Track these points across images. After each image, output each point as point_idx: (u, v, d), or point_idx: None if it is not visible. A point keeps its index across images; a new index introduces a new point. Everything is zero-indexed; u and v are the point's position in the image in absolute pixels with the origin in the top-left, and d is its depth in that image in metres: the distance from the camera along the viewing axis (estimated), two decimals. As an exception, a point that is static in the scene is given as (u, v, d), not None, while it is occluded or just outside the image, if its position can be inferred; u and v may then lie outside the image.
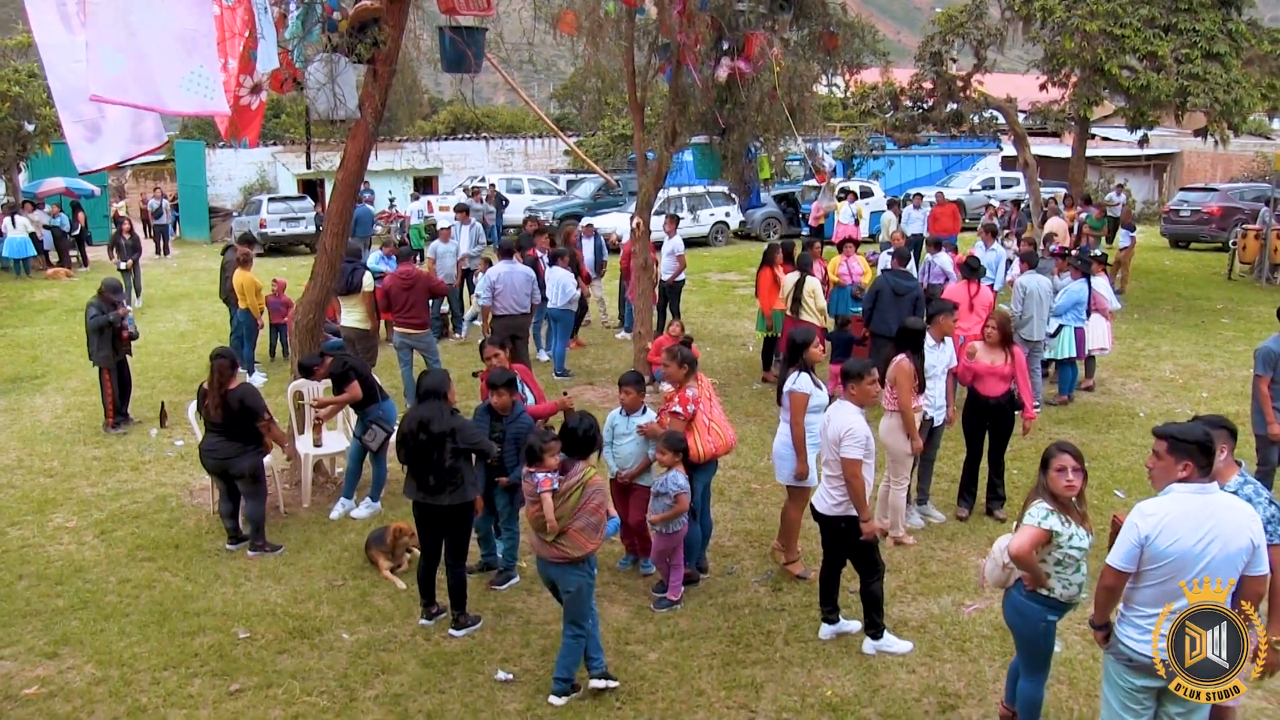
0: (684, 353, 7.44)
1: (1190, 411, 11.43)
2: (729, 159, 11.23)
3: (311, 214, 28.22)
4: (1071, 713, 5.93)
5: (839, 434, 6.32)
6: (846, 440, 6.28)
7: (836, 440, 6.33)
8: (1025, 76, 21.33)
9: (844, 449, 6.28)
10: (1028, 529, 5.05)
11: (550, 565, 6.02)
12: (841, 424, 6.35)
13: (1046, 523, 5.05)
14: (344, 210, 9.27)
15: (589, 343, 15.63)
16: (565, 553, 5.91)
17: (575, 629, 6.08)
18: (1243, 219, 24.13)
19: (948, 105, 20.03)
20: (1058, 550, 5.09)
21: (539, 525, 5.96)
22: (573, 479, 5.96)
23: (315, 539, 8.49)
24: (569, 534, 5.88)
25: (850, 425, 6.32)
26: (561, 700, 6.05)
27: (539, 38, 11.04)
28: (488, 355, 8.20)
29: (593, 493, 5.94)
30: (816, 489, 6.73)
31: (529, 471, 6.03)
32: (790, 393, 7.32)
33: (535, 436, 6.16)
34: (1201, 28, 17.33)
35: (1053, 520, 5.05)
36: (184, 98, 5.70)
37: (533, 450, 6.01)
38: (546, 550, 5.96)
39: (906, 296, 11.31)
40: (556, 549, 5.92)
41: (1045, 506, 5.09)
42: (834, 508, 6.42)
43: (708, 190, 27.57)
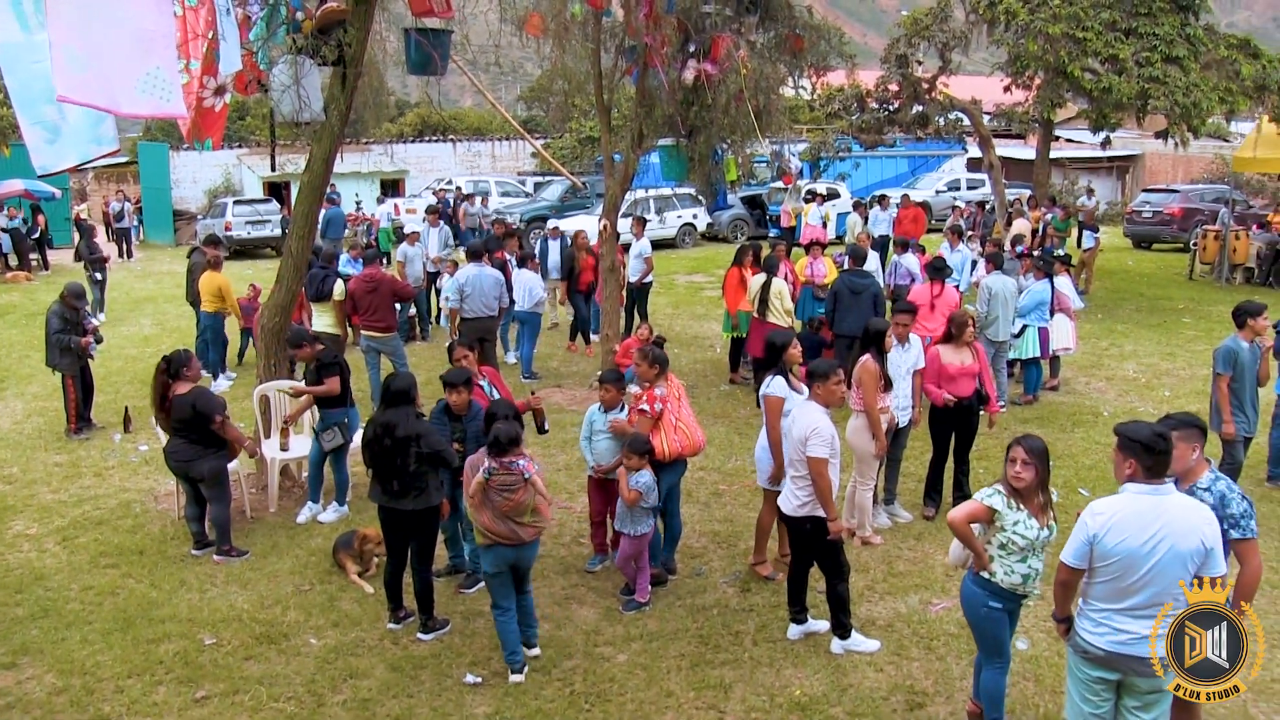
0: (656, 352, 7.46)
1: (1154, 410, 11.58)
2: (696, 161, 11.24)
3: (277, 217, 28.02)
4: (1037, 709, 5.98)
5: (804, 433, 6.34)
6: (812, 439, 6.30)
7: (802, 440, 6.35)
8: (990, 79, 21.52)
9: (810, 448, 6.30)
10: (971, 502, 5.29)
11: (525, 547, 6.26)
12: (807, 423, 6.37)
13: (989, 500, 5.20)
14: (310, 213, 9.21)
15: (557, 346, 15.60)
16: (540, 525, 6.29)
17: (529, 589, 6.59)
18: (1203, 220, 24.45)
19: (913, 107, 20.18)
20: (1000, 533, 5.20)
21: (519, 511, 6.09)
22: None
23: (282, 544, 8.43)
24: (537, 508, 6.19)
25: (815, 424, 6.34)
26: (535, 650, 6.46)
27: (505, 40, 11.02)
28: (457, 356, 8.18)
29: (538, 469, 6.29)
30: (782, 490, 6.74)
31: (510, 460, 6.07)
32: (765, 396, 7.35)
33: (508, 425, 6.23)
34: (1161, 32, 17.57)
35: (997, 500, 5.19)
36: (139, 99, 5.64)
37: (515, 439, 6.13)
38: (525, 531, 6.18)
39: (864, 295, 11.39)
40: (533, 526, 6.21)
41: (996, 488, 5.25)
42: (800, 508, 6.44)
43: (675, 192, 27.58)
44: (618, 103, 13.21)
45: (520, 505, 6.09)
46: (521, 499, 6.08)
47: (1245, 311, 8.70)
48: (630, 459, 6.98)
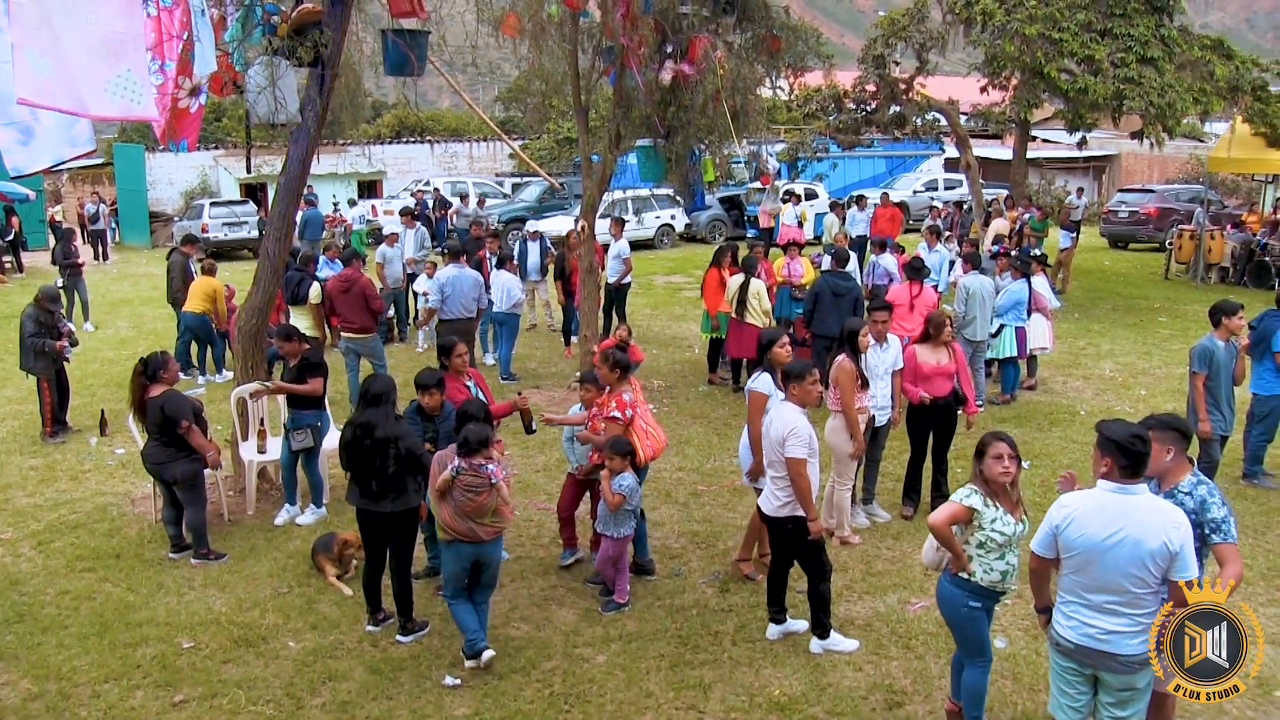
0: (616, 356, 7.45)
1: (1130, 409, 11.68)
2: (673, 162, 11.26)
3: (254, 218, 27.87)
4: (1015, 707, 6.01)
5: (783, 434, 6.34)
6: (790, 440, 6.30)
7: (780, 440, 6.34)
8: (966, 79, 21.61)
9: (788, 449, 6.30)
10: (950, 504, 5.30)
11: (485, 545, 6.28)
12: (785, 424, 6.38)
13: (968, 500, 5.24)
14: (287, 215, 9.18)
15: (535, 347, 15.59)
16: (500, 526, 6.32)
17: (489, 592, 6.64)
18: (1178, 220, 24.65)
19: (891, 107, 20.23)
20: (979, 532, 5.23)
21: (481, 512, 6.11)
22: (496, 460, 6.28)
23: (260, 546, 8.39)
24: (498, 510, 6.22)
25: (794, 425, 6.35)
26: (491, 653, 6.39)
27: (482, 40, 11.00)
28: (457, 353, 8.03)
29: (506, 474, 6.35)
30: (762, 491, 6.74)
31: (479, 463, 6.07)
32: (749, 391, 7.37)
33: (479, 427, 6.22)
34: (1136, 33, 17.67)
35: (975, 499, 5.24)
36: (109, 102, 5.59)
37: (485, 440, 6.12)
38: (484, 531, 6.20)
39: (846, 297, 11.42)
40: (493, 526, 6.23)
41: (972, 487, 5.29)
42: (780, 508, 6.45)
43: (653, 193, 27.60)
44: (595, 104, 13.22)
45: (483, 507, 6.10)
46: (484, 501, 6.08)
47: (1221, 311, 8.77)
48: (613, 460, 6.98)
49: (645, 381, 13.04)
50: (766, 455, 6.52)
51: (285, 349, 8.88)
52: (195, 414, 8.01)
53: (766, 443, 6.52)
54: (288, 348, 8.87)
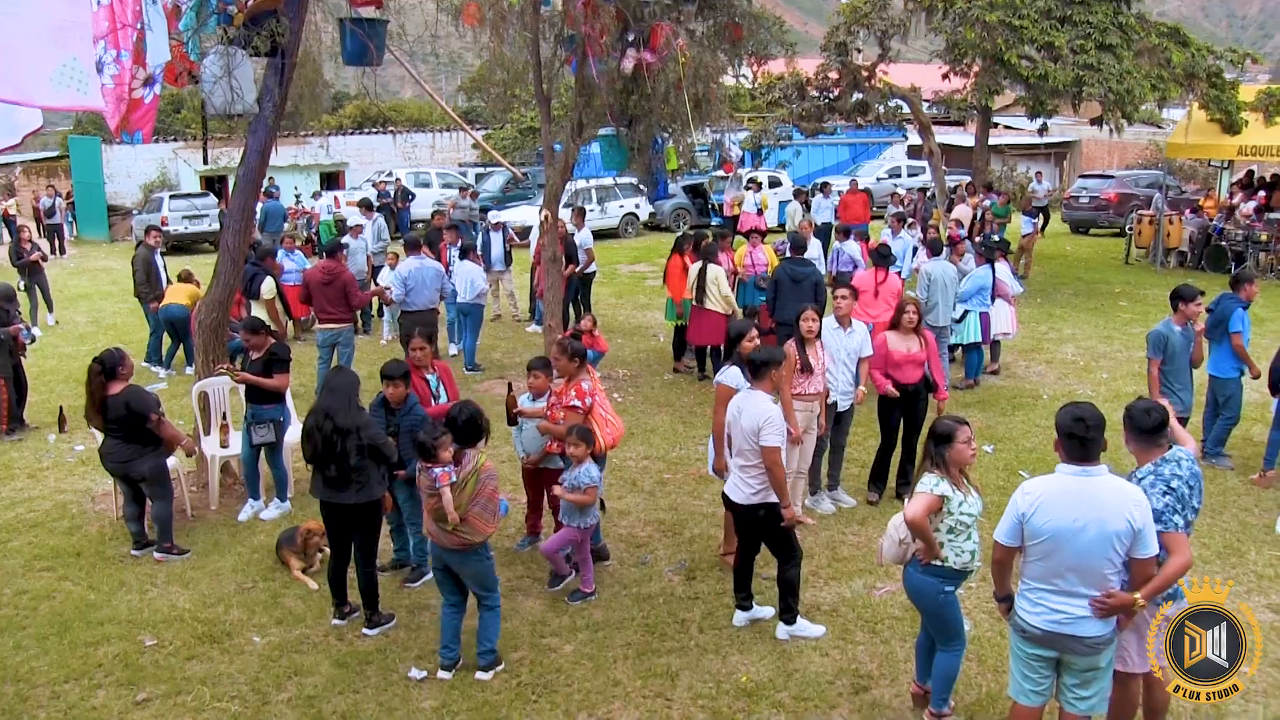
0: (573, 345, 7.46)
1: (1092, 392, 11.81)
2: (636, 150, 11.23)
3: (215, 211, 27.58)
4: (980, 689, 6.07)
5: (757, 423, 6.31)
6: (766, 429, 6.28)
7: (754, 430, 6.31)
8: (928, 66, 21.68)
9: (764, 438, 6.28)
10: (922, 496, 5.29)
11: (449, 552, 6.12)
12: (758, 413, 6.35)
13: (938, 489, 5.28)
14: (246, 207, 9.09)
15: (500, 338, 15.54)
16: (465, 539, 6.03)
17: (487, 600, 6.26)
18: (1138, 205, 24.91)
19: (853, 95, 20.29)
20: (949, 517, 5.29)
21: (439, 517, 6.00)
22: (466, 468, 6.04)
23: (224, 541, 8.32)
24: (468, 520, 5.99)
25: (768, 413, 6.34)
26: (489, 675, 6.19)
27: (444, 30, 10.93)
28: (414, 346, 8.04)
29: (486, 478, 6.06)
30: (728, 480, 6.71)
31: (425, 467, 6.03)
32: (718, 384, 7.36)
33: (425, 433, 6.15)
34: (1095, 20, 17.82)
35: (944, 486, 5.28)
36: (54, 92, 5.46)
37: (424, 447, 6.03)
38: (447, 539, 6.05)
39: (804, 283, 11.46)
40: (456, 536, 6.02)
41: (936, 475, 5.32)
42: (752, 496, 6.44)
43: (616, 182, 27.56)
44: (557, 92, 13.19)
45: (437, 510, 6.01)
46: (435, 505, 6.01)
47: (1179, 296, 8.87)
48: (577, 446, 6.95)
49: (610, 370, 13.05)
50: (737, 445, 6.48)
51: (252, 342, 8.77)
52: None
53: (737, 432, 6.47)
54: (254, 340, 8.75)
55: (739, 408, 6.50)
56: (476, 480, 6.01)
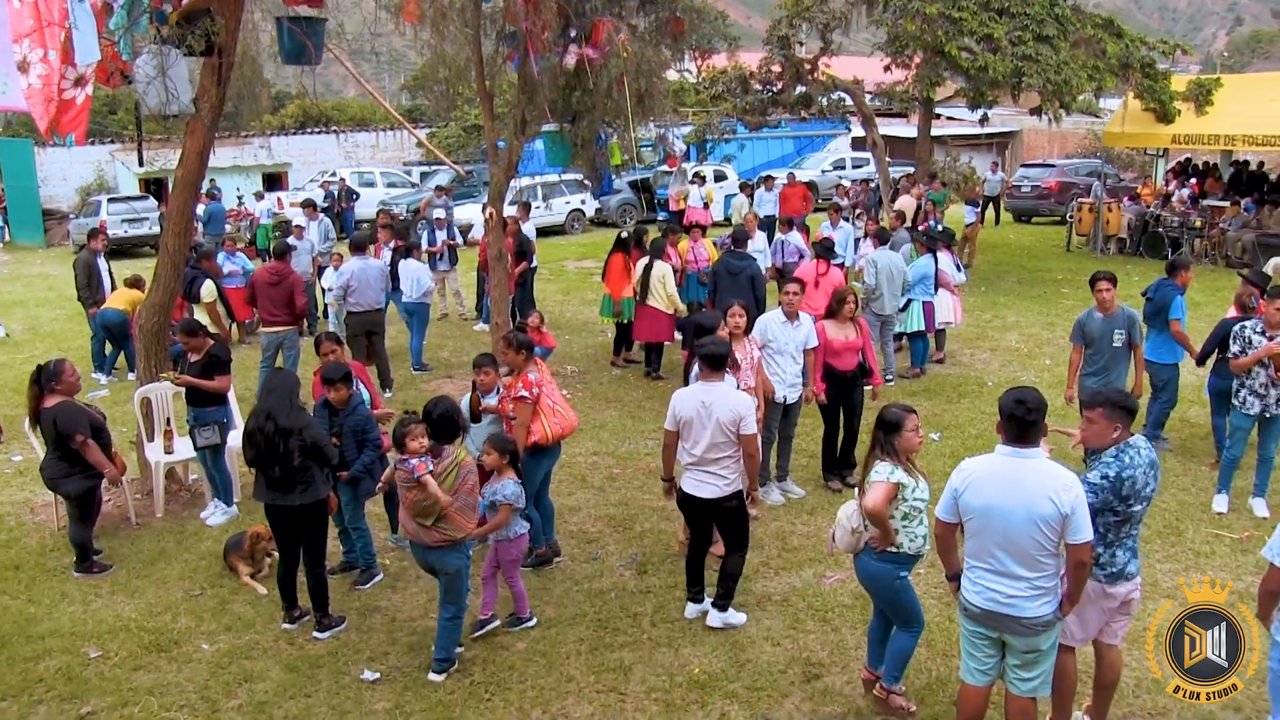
0: (519, 337, 7.43)
1: (1036, 378, 11.98)
2: (579, 146, 11.21)
3: (155, 214, 27.06)
4: (930, 673, 6.14)
5: (737, 413, 6.30)
6: (748, 417, 6.32)
7: (734, 420, 6.28)
8: (870, 59, 21.86)
9: (746, 426, 6.30)
10: (880, 485, 5.32)
11: (430, 550, 6.09)
12: (734, 403, 6.35)
13: (894, 477, 5.34)
14: (185, 209, 8.96)
15: (447, 337, 15.43)
16: (447, 535, 6.02)
17: (453, 610, 6.20)
18: (1078, 193, 25.29)
19: (797, 88, 20.38)
20: (904, 504, 5.36)
21: (418, 511, 5.97)
22: (446, 461, 6.03)
23: (170, 549, 8.20)
24: (448, 516, 5.97)
25: (745, 402, 6.40)
26: (441, 677, 6.15)
27: (384, 27, 10.82)
28: (324, 350, 8.04)
29: (466, 473, 6.07)
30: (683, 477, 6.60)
31: (401, 459, 5.99)
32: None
33: (398, 423, 6.12)
34: (1032, 11, 18.07)
35: (899, 474, 5.35)
36: None
37: (397, 439, 6.01)
38: (428, 535, 6.02)
39: (741, 275, 11.53)
40: (438, 532, 6.00)
41: (889, 464, 5.38)
42: (726, 488, 6.41)
43: (562, 179, 27.49)
44: (500, 89, 13.10)
45: (416, 504, 5.99)
46: (416, 499, 5.98)
47: (1091, 281, 9.05)
48: (490, 454, 6.53)
49: (559, 366, 13.03)
50: (708, 439, 6.35)
51: (190, 344, 8.64)
52: (97, 428, 7.68)
53: (708, 427, 6.34)
54: (193, 343, 8.62)
55: (704, 402, 6.39)
56: (456, 475, 6.02)
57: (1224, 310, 9.91)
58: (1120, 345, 8.75)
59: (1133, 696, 5.83)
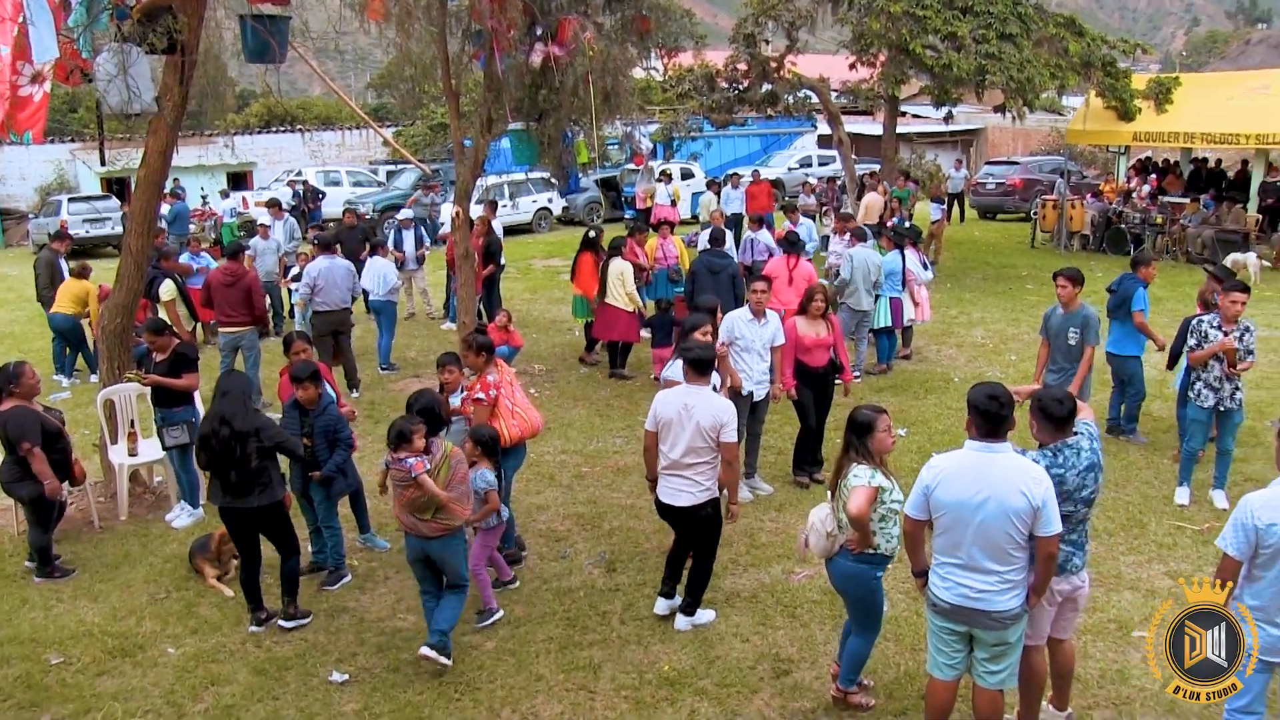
0: (479, 339, 7.43)
1: (1001, 374, 12.07)
2: (546, 145, 11.20)
3: (117, 214, 26.74)
4: (898, 667, 6.18)
5: (719, 420, 6.24)
6: (729, 424, 6.26)
7: (715, 426, 6.23)
8: (836, 57, 21.92)
9: (726, 434, 6.25)
10: (862, 490, 5.26)
11: (430, 541, 6.13)
12: (716, 409, 6.29)
13: (875, 480, 5.31)
14: (148, 209, 8.88)
15: (414, 336, 15.36)
16: (446, 524, 6.10)
17: (460, 587, 6.33)
18: (1042, 190, 25.52)
19: (763, 86, 20.44)
20: (881, 506, 5.34)
21: (416, 508, 6.03)
22: (437, 454, 6.10)
23: (135, 552, 8.11)
24: (445, 506, 6.05)
25: (728, 409, 6.34)
26: (433, 653, 6.15)
27: (349, 26, 10.76)
28: (296, 350, 8.01)
29: (457, 463, 6.18)
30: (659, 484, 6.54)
31: (396, 460, 6.00)
32: (665, 380, 7.37)
33: (402, 420, 6.15)
34: (995, 10, 18.19)
35: (879, 478, 5.33)
36: None
37: (402, 434, 6.02)
38: (427, 527, 6.08)
39: (722, 274, 11.54)
40: (437, 523, 6.07)
41: (868, 468, 5.34)
42: (702, 494, 6.38)
43: (528, 177, 27.44)
44: (466, 88, 13.06)
45: (415, 501, 6.04)
46: (413, 496, 6.03)
47: (1053, 277, 9.15)
48: (467, 444, 6.73)
49: (526, 366, 13.01)
50: (686, 444, 6.29)
51: (156, 343, 8.55)
52: (54, 433, 7.57)
53: (687, 431, 6.27)
54: (159, 341, 8.54)
55: (686, 405, 6.33)
56: (449, 466, 6.10)
57: (1185, 304, 10.07)
58: (1074, 344, 8.79)
59: (1097, 687, 5.91)
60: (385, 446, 6.25)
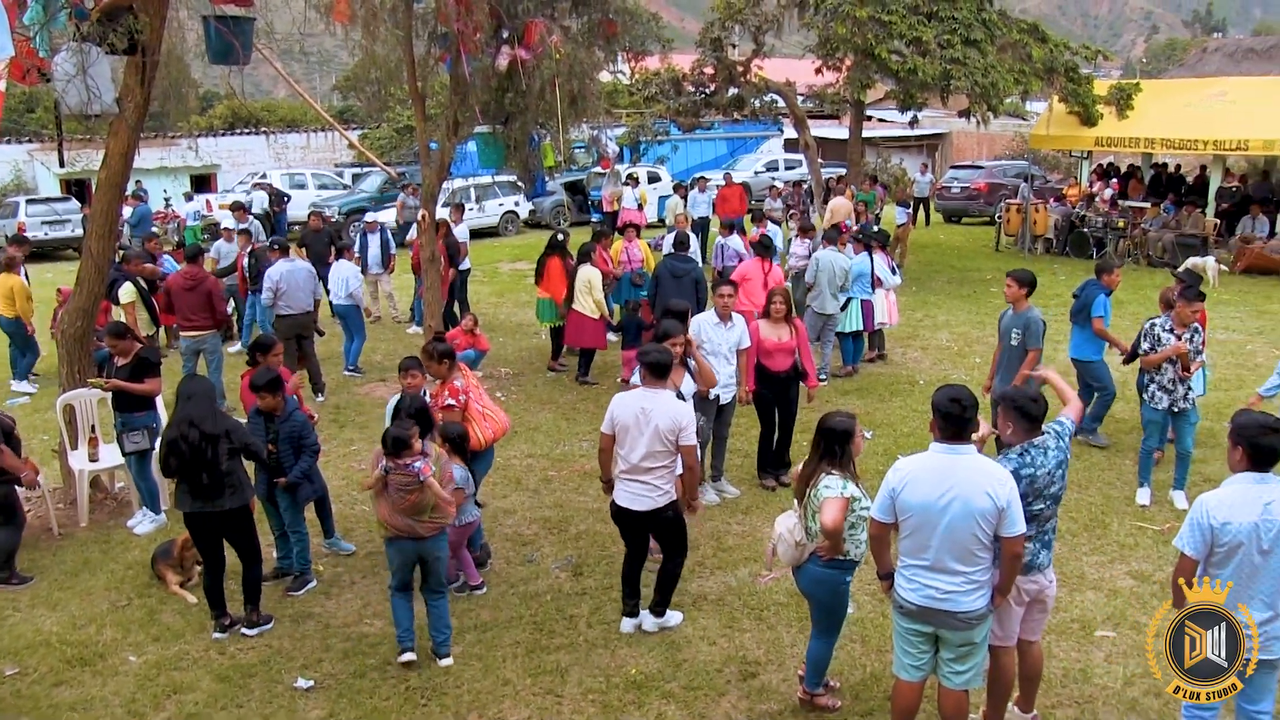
0: (439, 347, 7.43)
1: (966, 377, 12.14)
2: (512, 148, 11.17)
3: (77, 216, 26.41)
4: (864, 669, 6.21)
5: (677, 423, 6.20)
6: (689, 428, 6.25)
7: (674, 430, 6.20)
8: (802, 61, 22.09)
9: (685, 438, 6.23)
10: (835, 500, 5.25)
11: (425, 542, 6.18)
12: (675, 413, 6.25)
13: (847, 491, 5.31)
14: (109, 211, 8.76)
15: (380, 340, 15.26)
16: (439, 521, 6.22)
17: (442, 591, 6.40)
18: (1006, 194, 25.76)
19: (729, 90, 20.51)
20: (852, 514, 5.34)
21: (416, 510, 6.07)
22: (430, 455, 6.22)
23: (95, 559, 8.00)
24: (438, 504, 6.14)
25: (686, 412, 6.32)
26: (451, 659, 6.32)
27: (316, 28, 10.69)
28: (274, 353, 7.93)
29: (445, 463, 6.33)
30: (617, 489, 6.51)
31: (399, 465, 6.01)
32: (634, 384, 7.36)
33: (396, 427, 6.20)
34: (960, 16, 18.38)
35: (851, 487, 5.34)
36: None
37: (401, 440, 6.04)
38: (423, 528, 6.13)
39: (685, 278, 11.55)
40: (432, 522, 6.15)
41: (841, 478, 5.35)
42: (660, 498, 6.35)
43: (495, 180, 27.37)
44: (432, 91, 13.01)
45: (418, 504, 6.06)
46: (418, 499, 6.05)
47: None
48: (445, 446, 6.74)
49: (493, 369, 12.97)
50: (645, 448, 6.24)
51: (118, 347, 8.44)
52: (6, 432, 7.48)
53: (646, 435, 6.23)
54: (120, 345, 8.42)
55: (644, 408, 6.28)
56: (439, 465, 6.25)
57: (1147, 307, 10.18)
58: (1016, 344, 8.78)
59: (1060, 686, 5.97)
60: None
